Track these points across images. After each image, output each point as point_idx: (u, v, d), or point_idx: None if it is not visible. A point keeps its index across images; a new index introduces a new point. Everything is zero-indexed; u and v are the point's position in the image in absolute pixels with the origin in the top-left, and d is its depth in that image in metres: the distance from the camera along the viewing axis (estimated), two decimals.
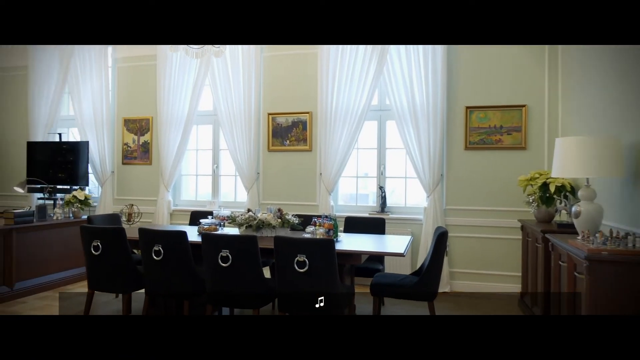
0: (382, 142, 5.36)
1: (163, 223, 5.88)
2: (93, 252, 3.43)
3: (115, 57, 6.35)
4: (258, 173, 5.66)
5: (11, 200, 6.78)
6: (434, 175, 4.95)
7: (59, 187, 6.25)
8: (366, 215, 5.18)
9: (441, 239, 3.26)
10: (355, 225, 4.40)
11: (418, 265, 4.88)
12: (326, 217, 3.66)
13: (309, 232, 3.62)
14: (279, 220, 3.76)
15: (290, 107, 5.55)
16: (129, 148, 6.29)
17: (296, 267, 2.91)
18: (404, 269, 4.92)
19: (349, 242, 3.58)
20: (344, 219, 4.54)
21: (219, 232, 3.90)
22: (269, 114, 5.60)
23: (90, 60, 6.24)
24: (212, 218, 4.08)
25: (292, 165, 5.56)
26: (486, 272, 4.93)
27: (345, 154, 5.21)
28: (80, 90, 6.29)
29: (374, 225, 4.36)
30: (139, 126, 6.24)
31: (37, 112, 6.53)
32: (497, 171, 4.90)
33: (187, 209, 5.75)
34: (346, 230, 4.36)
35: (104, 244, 3.43)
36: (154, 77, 6.02)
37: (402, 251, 3.19)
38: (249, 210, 3.95)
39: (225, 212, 4.16)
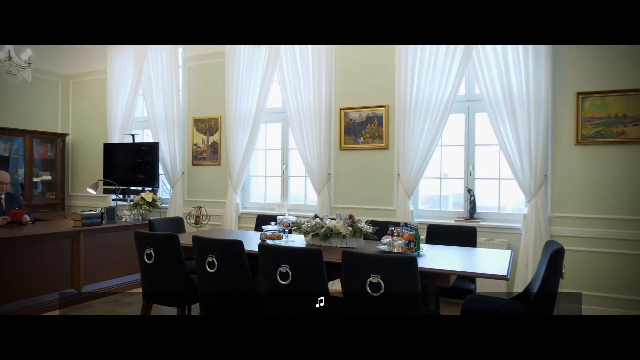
0: (470, 137, 4.63)
1: (231, 227, 5.61)
2: (146, 260, 3.14)
3: (185, 56, 6.22)
4: (329, 174, 5.18)
5: (91, 201, 6.95)
6: (536, 176, 4.14)
7: (132, 188, 6.25)
8: (452, 222, 4.49)
9: (556, 258, 2.53)
10: (440, 234, 3.75)
11: (515, 283, 4.15)
12: (405, 225, 3.07)
13: (385, 244, 3.05)
14: (350, 228, 3.24)
15: (364, 101, 5.00)
16: (198, 148, 6.12)
17: (369, 290, 2.36)
18: (498, 286, 4.17)
19: (434, 258, 2.96)
20: (425, 227, 3.91)
21: (283, 240, 3.47)
22: (341, 109, 5.09)
23: (162, 61, 6.16)
24: (276, 224, 3.66)
25: (366, 165, 5.01)
26: (604, 294, 4.03)
27: (427, 152, 4.55)
28: (152, 91, 6.24)
29: (462, 234, 3.68)
30: (208, 126, 6.05)
31: (114, 114, 6.61)
32: (619, 170, 3.99)
33: (255, 212, 5.43)
34: (428, 241, 3.72)
35: (157, 252, 3.12)
36: (222, 75, 5.79)
37: (504, 273, 2.50)
38: (316, 216, 3.47)
39: (291, 219, 3.72)
